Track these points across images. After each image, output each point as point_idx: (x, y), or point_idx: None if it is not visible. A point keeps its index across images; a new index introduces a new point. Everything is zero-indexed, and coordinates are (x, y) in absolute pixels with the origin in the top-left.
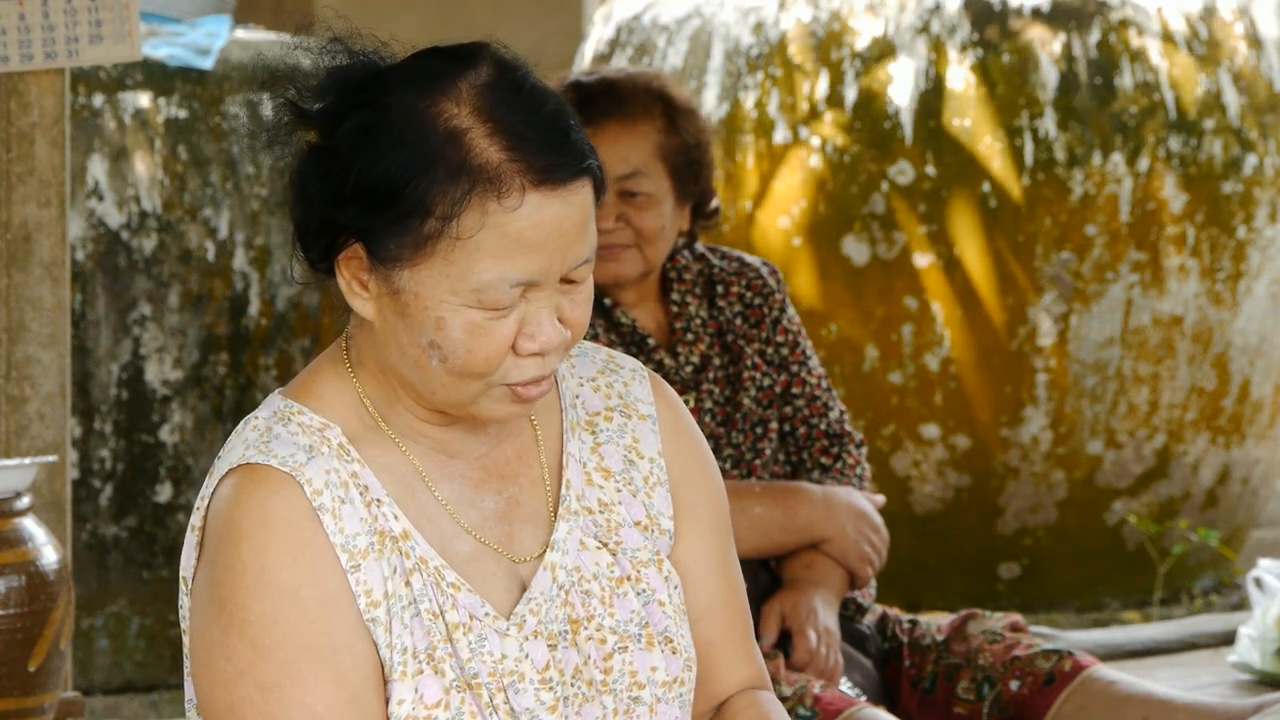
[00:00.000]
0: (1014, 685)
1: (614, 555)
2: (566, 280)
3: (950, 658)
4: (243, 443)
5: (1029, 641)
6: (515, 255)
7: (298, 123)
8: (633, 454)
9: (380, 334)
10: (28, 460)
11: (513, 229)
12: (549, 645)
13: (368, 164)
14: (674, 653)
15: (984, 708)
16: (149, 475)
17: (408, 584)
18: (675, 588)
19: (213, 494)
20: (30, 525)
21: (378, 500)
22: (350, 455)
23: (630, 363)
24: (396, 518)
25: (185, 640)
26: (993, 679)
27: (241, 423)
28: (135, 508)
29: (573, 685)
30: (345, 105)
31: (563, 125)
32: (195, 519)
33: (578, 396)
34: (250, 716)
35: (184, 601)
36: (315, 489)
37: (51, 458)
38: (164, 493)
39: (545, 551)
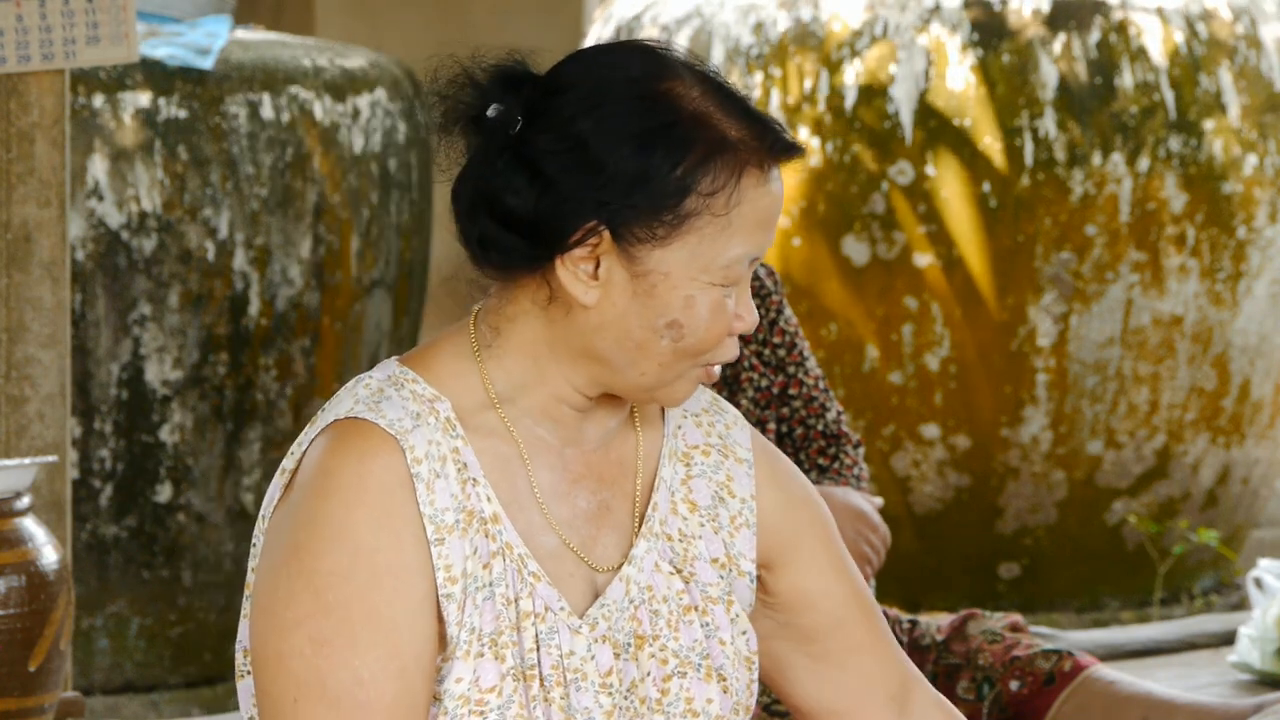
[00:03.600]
0: (1014, 685)
1: (686, 583)
2: None
3: (950, 658)
4: (353, 398)
5: (1029, 641)
6: (759, 230)
7: (474, 125)
8: (724, 491)
9: (595, 320)
10: (28, 460)
11: (762, 204)
12: (614, 653)
13: (625, 149)
14: (725, 691)
15: (984, 708)
16: (149, 475)
17: (486, 566)
18: (742, 634)
19: (312, 441)
20: (30, 525)
21: (473, 480)
22: (455, 431)
23: (733, 410)
24: (489, 499)
25: (250, 579)
26: (993, 679)
27: (353, 380)
28: (135, 508)
29: (627, 698)
30: (554, 100)
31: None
32: (288, 462)
33: (680, 427)
34: (297, 668)
35: (257, 539)
36: (416, 457)
37: (51, 458)
38: (164, 493)
39: (623, 564)
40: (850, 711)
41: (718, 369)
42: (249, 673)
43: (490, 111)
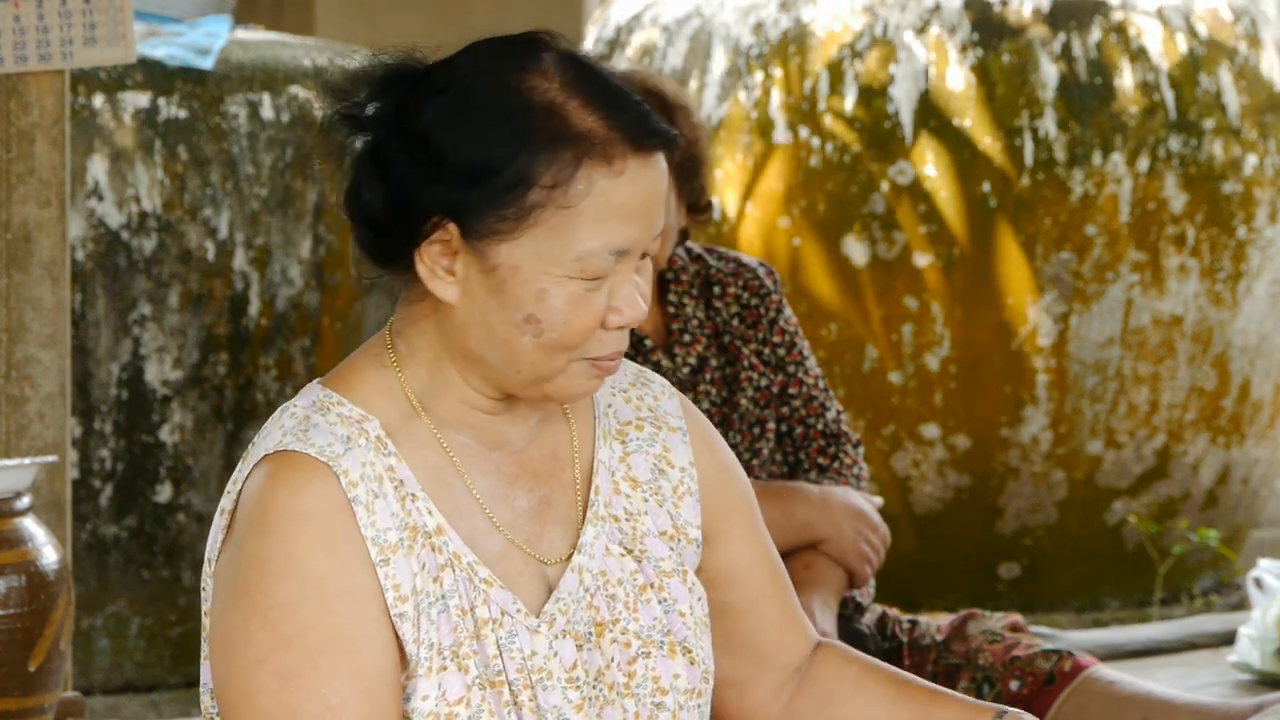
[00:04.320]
0: (1014, 685)
1: (639, 562)
2: (643, 254)
3: (950, 658)
4: (280, 429)
5: (1029, 641)
6: (616, 222)
7: (353, 125)
8: (663, 463)
9: (461, 317)
10: (28, 460)
11: (614, 196)
12: (576, 645)
13: (466, 142)
14: (692, 663)
15: None
16: (149, 475)
17: (437, 580)
18: (699, 600)
19: (246, 478)
20: (30, 525)
21: (412, 495)
22: (388, 449)
23: (659, 379)
24: (430, 513)
25: (205, 622)
26: (993, 679)
27: (279, 410)
28: (135, 508)
29: (595, 687)
30: (417, 96)
31: (638, 97)
32: (225, 502)
33: (610, 405)
34: (265, 704)
35: (206, 583)
36: (351, 480)
37: (51, 458)
38: (164, 493)
39: (573, 554)
40: (748, 680)
41: (613, 364)
42: (217, 715)
43: (370, 110)
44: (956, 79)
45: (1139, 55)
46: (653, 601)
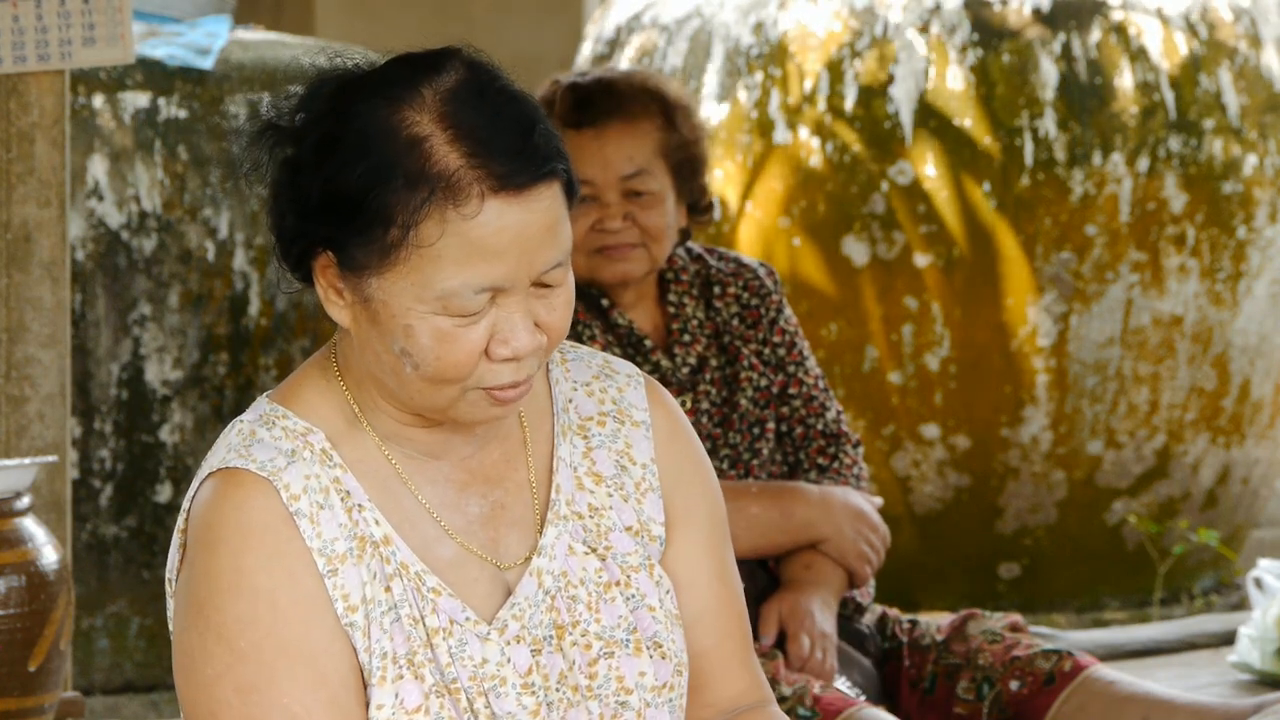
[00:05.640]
0: (1014, 685)
1: (603, 560)
2: (540, 284)
3: (950, 658)
4: (226, 446)
5: (1029, 641)
6: (478, 262)
7: (276, 138)
8: (625, 459)
9: (357, 341)
10: (28, 460)
11: (473, 236)
12: (532, 650)
13: (332, 174)
14: (663, 658)
15: (984, 708)
16: (149, 475)
17: (388, 589)
18: (667, 592)
19: (194, 497)
20: (30, 525)
21: (359, 505)
22: (333, 460)
23: (626, 368)
24: (378, 523)
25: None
26: (992, 679)
27: (228, 426)
28: (135, 508)
29: (558, 690)
30: (315, 117)
31: (525, 129)
32: (179, 521)
33: (570, 401)
34: (229, 719)
35: (170, 604)
36: (292, 494)
37: (51, 458)
38: (164, 493)
39: (531, 556)
40: None
41: (511, 393)
42: None
43: (296, 121)
44: (956, 79)
45: (1139, 55)
46: (617, 600)
